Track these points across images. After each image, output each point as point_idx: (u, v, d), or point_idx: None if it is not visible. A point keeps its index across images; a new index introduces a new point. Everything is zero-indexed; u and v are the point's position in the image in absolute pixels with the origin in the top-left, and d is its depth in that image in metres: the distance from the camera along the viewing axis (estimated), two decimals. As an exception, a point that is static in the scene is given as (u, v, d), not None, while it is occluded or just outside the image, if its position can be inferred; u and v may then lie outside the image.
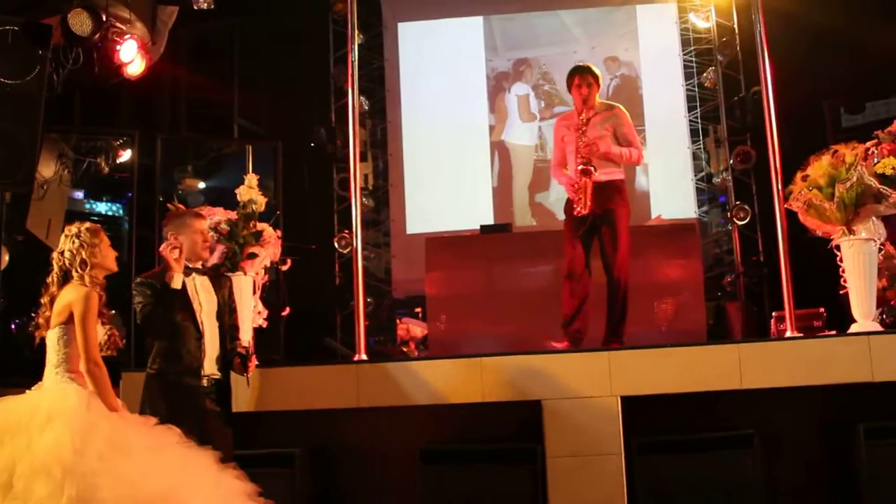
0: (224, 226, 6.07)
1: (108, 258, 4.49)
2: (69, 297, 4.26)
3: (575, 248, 6.32)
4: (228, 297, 5.10)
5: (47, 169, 8.47)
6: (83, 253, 4.36)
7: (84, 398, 4.09)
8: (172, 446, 4.16)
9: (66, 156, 8.81)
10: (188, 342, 4.75)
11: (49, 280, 4.38)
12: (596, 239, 6.32)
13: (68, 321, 4.24)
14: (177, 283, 4.70)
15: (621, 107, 6.69)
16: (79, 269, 4.33)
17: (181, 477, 4.04)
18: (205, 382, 4.76)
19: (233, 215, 6.15)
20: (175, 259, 4.72)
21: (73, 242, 4.40)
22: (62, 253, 4.38)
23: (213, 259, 6.05)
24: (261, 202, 6.29)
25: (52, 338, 4.27)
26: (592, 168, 6.22)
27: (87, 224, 4.56)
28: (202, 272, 4.98)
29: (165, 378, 4.72)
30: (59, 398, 4.08)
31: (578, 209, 6.23)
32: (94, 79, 7.48)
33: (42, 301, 4.36)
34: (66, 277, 4.35)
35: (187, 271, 4.82)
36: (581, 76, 6.47)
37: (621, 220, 6.29)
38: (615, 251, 6.23)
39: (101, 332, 4.44)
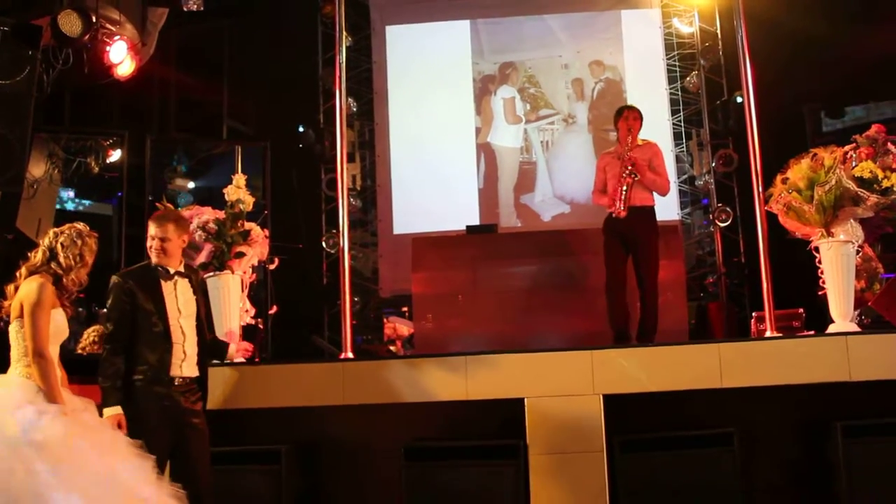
0: (212, 225, 6.10)
1: (87, 267, 4.48)
2: (23, 291, 4.26)
3: (614, 262, 6.85)
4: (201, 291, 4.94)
5: (37, 168, 8.47)
6: (62, 248, 4.38)
7: (30, 393, 4.10)
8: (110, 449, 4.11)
9: (56, 155, 8.81)
10: (158, 348, 4.58)
11: (18, 273, 4.39)
12: (631, 259, 6.89)
13: (23, 315, 4.24)
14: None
15: (658, 145, 7.22)
16: (56, 269, 4.34)
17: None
18: (177, 382, 4.58)
19: (221, 215, 6.18)
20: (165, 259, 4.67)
21: (53, 240, 4.41)
22: (43, 248, 4.39)
23: (201, 258, 6.10)
24: (249, 202, 6.33)
25: (12, 332, 4.28)
26: (637, 177, 6.85)
27: (78, 224, 4.55)
28: (184, 275, 4.79)
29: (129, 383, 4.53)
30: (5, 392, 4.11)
31: (617, 210, 6.81)
32: (84, 79, 7.48)
33: (7, 292, 4.39)
34: (42, 266, 4.35)
35: (169, 274, 4.70)
36: (629, 111, 7.21)
37: (654, 249, 6.86)
38: (648, 275, 6.78)
39: (90, 331, 4.48)
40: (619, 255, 6.85)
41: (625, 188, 6.84)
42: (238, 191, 6.28)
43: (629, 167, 6.87)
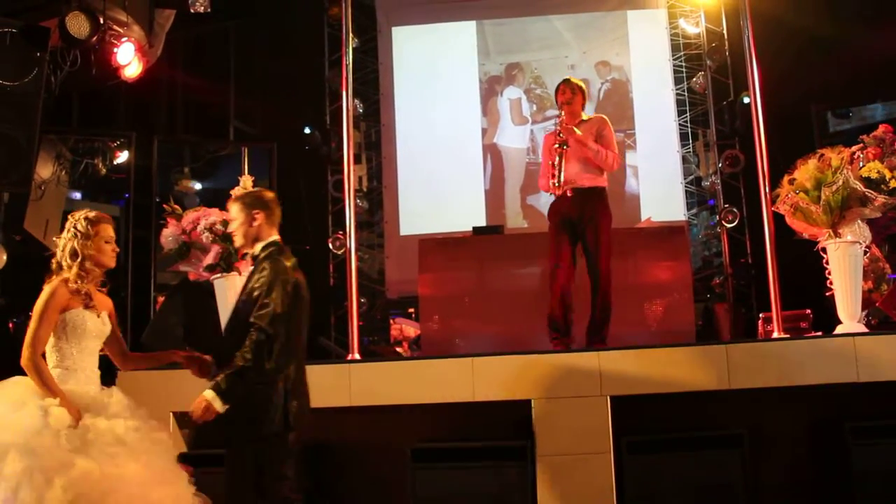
0: (219, 227, 6.12)
1: (105, 252, 4.34)
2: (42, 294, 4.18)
3: (560, 248, 6.48)
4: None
5: (45, 170, 8.48)
6: (74, 243, 4.26)
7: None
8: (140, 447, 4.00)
9: (63, 157, 8.82)
10: None
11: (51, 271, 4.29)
12: (580, 244, 6.48)
13: None
14: None
15: (606, 118, 6.85)
16: (68, 260, 4.24)
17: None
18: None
19: (228, 216, 6.20)
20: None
21: (68, 231, 4.30)
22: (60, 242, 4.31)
23: (208, 259, 6.12)
24: (256, 203, 6.34)
25: None
26: (566, 146, 6.42)
27: (89, 212, 4.41)
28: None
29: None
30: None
31: (551, 188, 6.46)
32: (91, 81, 7.49)
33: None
34: (59, 269, 4.27)
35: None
36: (565, 84, 6.72)
37: (604, 227, 6.47)
38: (598, 256, 6.39)
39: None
40: (565, 241, 6.47)
41: (557, 160, 6.41)
42: (245, 192, 6.29)
43: (558, 136, 6.48)
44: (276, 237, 4.43)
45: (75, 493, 3.66)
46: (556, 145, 6.45)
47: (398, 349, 9.50)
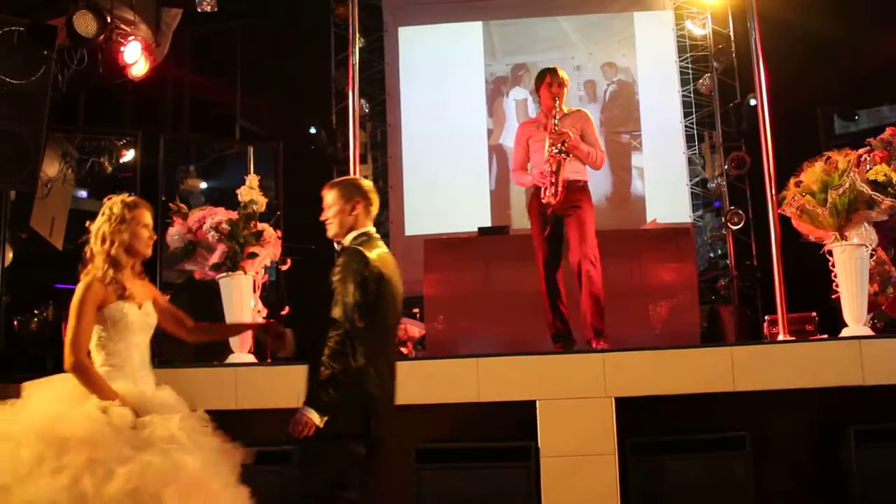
0: (225, 226, 6.13)
1: (141, 238, 4.10)
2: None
3: (544, 251, 6.41)
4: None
5: (51, 168, 8.52)
6: (107, 227, 4.04)
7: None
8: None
9: (69, 155, 8.85)
10: None
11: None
12: (564, 236, 6.39)
13: None
14: None
15: (587, 112, 6.80)
16: (98, 246, 4.01)
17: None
18: None
19: (234, 215, 6.21)
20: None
21: (102, 215, 4.08)
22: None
23: (214, 258, 6.13)
24: (261, 202, 6.36)
25: None
26: (566, 154, 6.26)
27: (127, 196, 4.19)
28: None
29: None
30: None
31: (548, 197, 6.27)
32: (98, 79, 7.52)
33: None
34: (91, 257, 4.05)
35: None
36: (552, 75, 6.60)
37: (588, 216, 6.35)
38: (584, 245, 6.26)
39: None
40: (552, 239, 6.39)
41: (555, 168, 6.26)
42: (251, 191, 6.31)
43: (560, 145, 6.27)
44: (369, 228, 4.24)
45: (135, 485, 3.58)
46: (556, 151, 6.30)
47: (402, 349, 9.48)
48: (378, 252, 4.10)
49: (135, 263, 4.15)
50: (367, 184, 4.39)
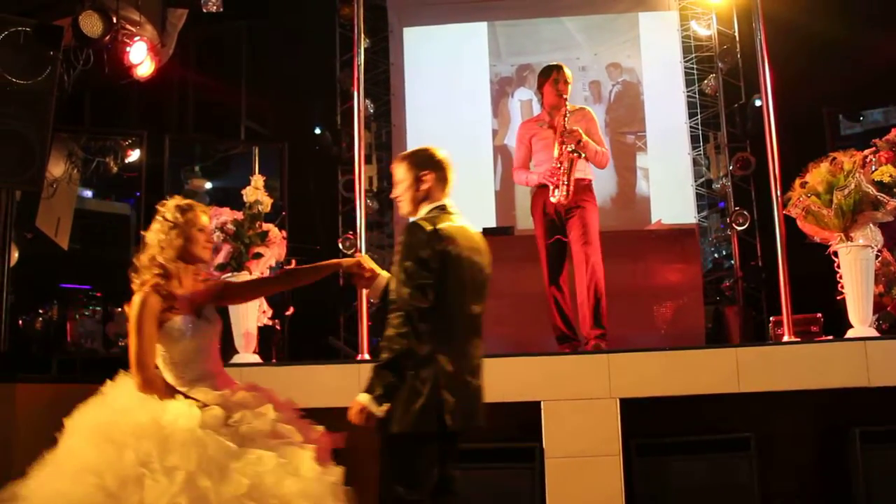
0: (230, 226, 6.15)
1: (197, 242, 3.93)
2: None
3: (548, 254, 6.40)
4: None
5: (57, 168, 8.54)
6: (160, 236, 3.87)
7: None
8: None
9: (75, 155, 8.88)
10: None
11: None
12: (567, 236, 6.35)
13: None
14: None
15: (591, 110, 6.80)
16: (153, 255, 3.85)
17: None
18: None
19: (239, 215, 6.22)
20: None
21: (155, 223, 3.92)
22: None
23: (219, 258, 6.14)
24: (266, 203, 6.37)
25: None
26: (579, 154, 6.21)
27: (181, 199, 4.02)
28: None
29: None
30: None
31: (559, 197, 6.24)
32: (104, 80, 7.54)
33: None
34: (142, 267, 3.88)
35: None
36: (558, 72, 6.57)
37: (591, 217, 6.31)
38: (587, 245, 6.21)
39: None
40: (556, 243, 6.35)
41: (567, 167, 6.19)
42: (256, 192, 6.32)
43: (574, 144, 6.19)
44: (445, 201, 3.93)
45: (253, 482, 3.45)
46: (570, 150, 6.24)
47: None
48: (450, 226, 3.79)
49: (195, 270, 4.00)
50: (441, 152, 4.05)
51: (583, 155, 6.25)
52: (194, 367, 3.86)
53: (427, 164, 3.94)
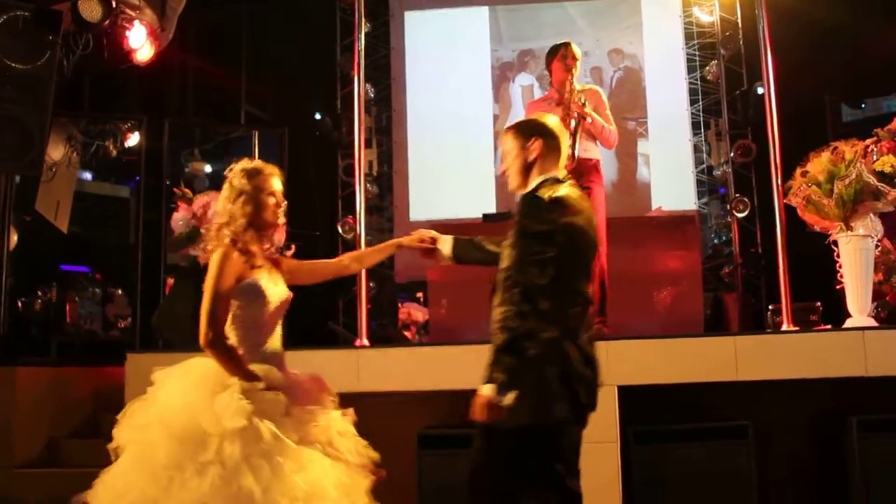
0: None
1: (267, 207, 3.72)
2: None
3: None
4: None
5: (56, 152, 8.54)
6: (229, 204, 3.67)
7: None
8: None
9: (75, 139, 8.88)
10: None
11: None
12: None
13: None
14: None
15: (600, 90, 6.79)
16: (223, 224, 3.64)
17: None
18: None
19: (239, 200, 6.21)
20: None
21: (225, 190, 3.72)
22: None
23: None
24: (266, 188, 6.35)
25: None
26: (588, 119, 6.17)
27: (249, 162, 3.81)
28: None
29: None
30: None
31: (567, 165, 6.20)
32: (103, 64, 7.53)
33: None
34: (214, 233, 3.67)
35: None
36: (566, 48, 6.52)
37: (599, 200, 6.24)
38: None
39: None
40: None
41: (574, 126, 6.07)
42: (256, 177, 6.29)
43: (579, 112, 6.11)
44: (557, 172, 3.57)
45: (311, 481, 3.30)
46: (577, 114, 6.17)
47: (406, 332, 9.50)
48: (565, 193, 3.45)
49: (267, 236, 3.78)
50: (551, 120, 3.69)
51: (589, 120, 6.20)
52: (265, 333, 3.67)
53: (535, 130, 3.60)
